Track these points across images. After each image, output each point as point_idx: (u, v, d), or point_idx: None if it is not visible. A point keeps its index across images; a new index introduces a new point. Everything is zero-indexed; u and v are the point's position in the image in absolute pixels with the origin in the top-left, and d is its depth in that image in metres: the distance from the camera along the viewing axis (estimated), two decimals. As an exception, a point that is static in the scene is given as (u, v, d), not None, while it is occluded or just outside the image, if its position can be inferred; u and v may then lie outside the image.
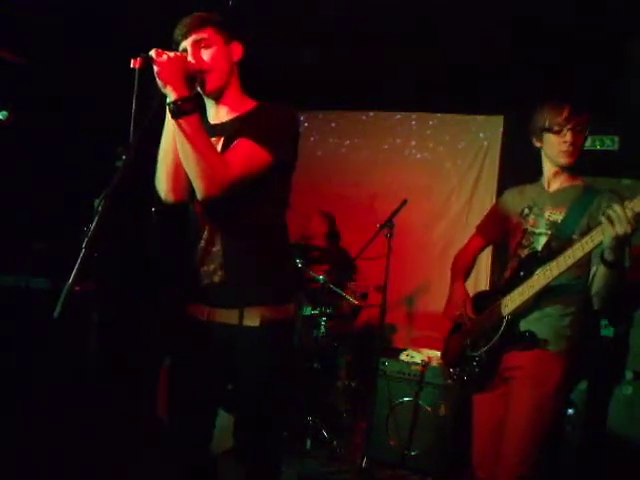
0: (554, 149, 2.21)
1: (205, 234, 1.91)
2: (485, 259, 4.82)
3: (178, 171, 1.85)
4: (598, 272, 2.01)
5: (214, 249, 1.89)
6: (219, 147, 1.86)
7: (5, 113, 2.75)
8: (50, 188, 3.84)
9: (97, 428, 3.36)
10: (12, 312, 3.43)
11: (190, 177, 1.76)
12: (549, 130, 2.19)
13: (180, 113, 1.68)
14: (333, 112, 5.71)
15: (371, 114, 5.64)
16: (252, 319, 1.86)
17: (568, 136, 2.16)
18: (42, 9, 3.58)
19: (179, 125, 1.69)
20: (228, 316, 1.88)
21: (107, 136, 4.09)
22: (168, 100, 1.70)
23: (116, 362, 3.87)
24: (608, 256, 1.91)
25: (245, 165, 1.76)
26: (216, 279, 1.88)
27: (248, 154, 1.77)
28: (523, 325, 2.17)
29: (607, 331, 3.61)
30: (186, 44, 1.84)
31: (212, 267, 1.88)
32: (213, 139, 1.85)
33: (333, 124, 5.74)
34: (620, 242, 1.84)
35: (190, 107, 1.69)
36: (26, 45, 3.69)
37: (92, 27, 3.81)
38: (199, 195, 1.76)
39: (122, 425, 3.49)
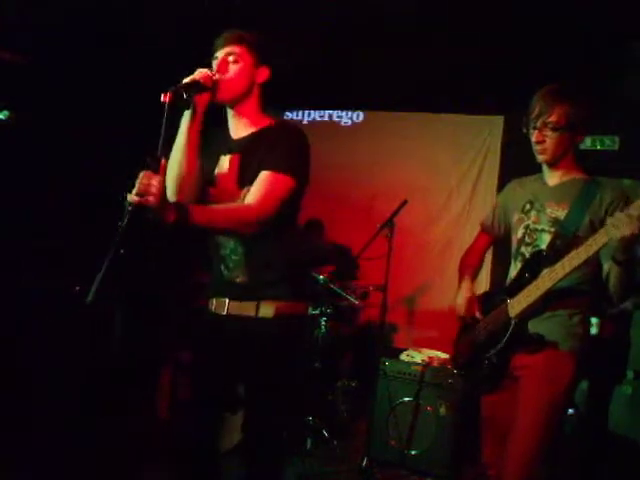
0: (532, 147, 2.20)
1: (225, 241, 2.00)
2: (486, 257, 4.82)
3: (186, 179, 1.94)
4: (612, 271, 1.99)
5: (235, 255, 2.00)
6: (236, 162, 1.97)
7: (6, 113, 2.75)
8: (48, 188, 3.84)
9: (98, 429, 3.36)
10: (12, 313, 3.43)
11: (236, 228, 1.88)
12: (528, 128, 2.18)
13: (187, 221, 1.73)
14: (333, 112, 5.71)
15: (371, 114, 5.64)
16: (267, 311, 1.96)
17: (534, 135, 2.15)
18: (42, 8, 3.58)
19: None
20: (245, 308, 1.98)
21: (106, 136, 4.10)
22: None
23: (117, 363, 3.87)
24: (619, 256, 1.90)
25: (273, 197, 1.88)
26: (238, 280, 2.00)
27: (274, 185, 1.89)
28: (532, 325, 2.15)
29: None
30: (219, 54, 1.96)
31: (235, 273, 2.01)
32: (229, 155, 1.99)
33: (333, 124, 5.74)
34: (629, 243, 1.83)
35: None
36: (26, 45, 3.69)
37: (92, 26, 3.81)
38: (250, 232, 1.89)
39: (122, 425, 3.49)
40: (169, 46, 1.98)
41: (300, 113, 5.90)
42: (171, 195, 1.96)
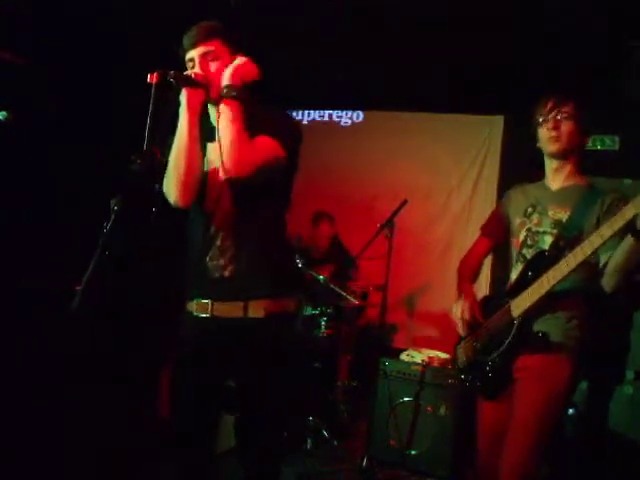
0: (543, 139, 2.25)
1: (215, 230, 1.98)
2: (485, 261, 4.82)
3: (188, 178, 1.92)
4: (622, 246, 1.95)
5: (225, 244, 1.96)
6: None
7: (4, 113, 2.74)
8: (46, 189, 3.84)
9: (98, 429, 3.36)
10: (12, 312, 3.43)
11: (224, 154, 1.85)
12: (538, 124, 2.24)
13: (232, 95, 1.84)
14: (334, 112, 5.71)
15: (371, 114, 5.64)
16: (257, 311, 1.93)
17: (550, 122, 2.20)
18: (43, 8, 3.58)
19: (227, 105, 1.84)
20: (232, 309, 1.94)
21: (107, 136, 4.10)
22: (225, 83, 1.86)
23: (117, 362, 3.87)
24: None
25: (267, 155, 1.88)
26: (226, 273, 1.95)
27: (268, 145, 1.89)
28: (533, 326, 2.16)
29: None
30: (194, 54, 1.92)
31: (222, 262, 1.95)
32: (217, 143, 1.93)
33: (334, 124, 5.74)
34: None
35: (240, 93, 1.85)
36: (26, 45, 3.69)
37: (92, 27, 3.82)
38: (225, 172, 1.86)
39: (123, 426, 3.49)
40: (170, 46, 1.99)
41: (300, 113, 5.90)
42: (177, 194, 1.95)
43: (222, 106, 1.85)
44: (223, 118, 1.85)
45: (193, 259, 2.02)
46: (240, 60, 1.91)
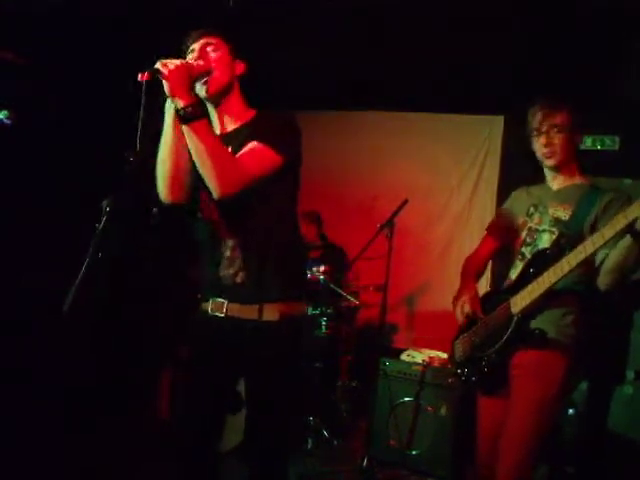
0: (538, 152, 2.29)
1: (221, 240, 1.97)
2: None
3: (176, 174, 1.91)
4: (620, 245, 1.96)
5: (233, 253, 1.96)
6: None
7: (6, 113, 2.74)
8: (46, 189, 3.84)
9: (99, 430, 3.36)
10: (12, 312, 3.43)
11: (206, 178, 1.81)
12: (531, 134, 2.29)
13: (190, 118, 1.74)
14: (334, 112, 5.70)
15: (371, 114, 5.64)
16: (272, 314, 1.93)
17: (542, 139, 2.24)
18: (43, 9, 3.58)
19: (190, 130, 1.76)
20: (248, 311, 1.94)
21: (107, 138, 4.10)
22: (177, 107, 1.76)
23: (117, 364, 3.87)
24: None
25: (258, 165, 1.85)
26: (238, 280, 1.95)
27: (260, 155, 1.86)
28: (530, 324, 2.17)
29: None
30: (195, 46, 1.94)
31: (232, 271, 1.96)
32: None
33: (334, 124, 5.73)
34: None
35: (199, 112, 1.77)
36: (27, 45, 3.69)
37: (93, 26, 3.82)
38: (215, 194, 1.82)
39: (123, 426, 3.49)
40: (171, 46, 2.00)
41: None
42: (165, 195, 1.95)
43: (187, 132, 1.77)
44: (192, 147, 1.78)
45: (203, 267, 2.04)
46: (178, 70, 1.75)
